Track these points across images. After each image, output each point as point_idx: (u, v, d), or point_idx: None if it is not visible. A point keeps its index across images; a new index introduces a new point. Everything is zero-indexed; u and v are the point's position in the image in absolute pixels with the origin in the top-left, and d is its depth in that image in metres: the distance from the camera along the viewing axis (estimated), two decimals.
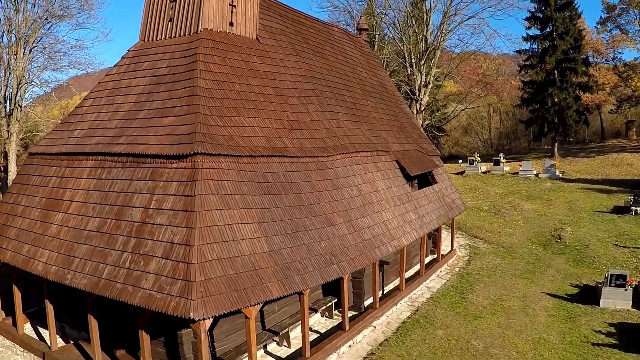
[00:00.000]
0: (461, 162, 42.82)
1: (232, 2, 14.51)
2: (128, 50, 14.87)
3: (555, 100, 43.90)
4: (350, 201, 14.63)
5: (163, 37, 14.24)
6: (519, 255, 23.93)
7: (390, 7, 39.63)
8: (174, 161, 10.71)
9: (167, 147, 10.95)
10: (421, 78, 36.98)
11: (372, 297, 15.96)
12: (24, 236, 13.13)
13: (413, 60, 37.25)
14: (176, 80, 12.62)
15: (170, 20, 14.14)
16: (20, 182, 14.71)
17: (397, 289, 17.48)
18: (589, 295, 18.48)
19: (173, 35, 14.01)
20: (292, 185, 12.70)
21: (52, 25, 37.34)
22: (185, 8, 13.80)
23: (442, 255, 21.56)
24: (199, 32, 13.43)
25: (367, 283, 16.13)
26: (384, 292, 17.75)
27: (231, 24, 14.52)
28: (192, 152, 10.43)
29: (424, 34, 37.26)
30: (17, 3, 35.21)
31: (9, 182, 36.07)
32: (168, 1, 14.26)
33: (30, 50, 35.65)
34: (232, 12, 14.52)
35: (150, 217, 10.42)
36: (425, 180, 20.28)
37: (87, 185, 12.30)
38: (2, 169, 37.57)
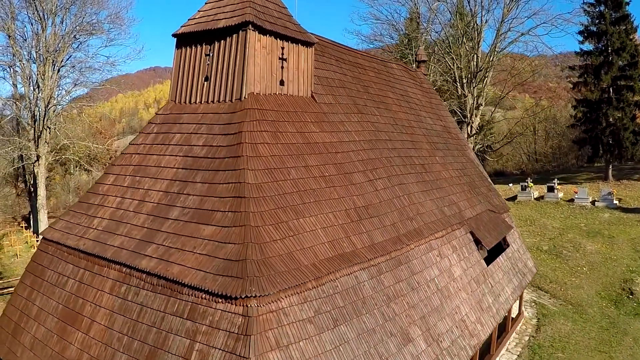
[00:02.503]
0: (512, 185, 39.05)
1: (282, 54, 11.51)
2: (156, 114, 12.02)
3: (610, 120, 39.82)
4: (427, 302, 11.60)
5: (198, 100, 11.32)
6: (590, 318, 20.66)
7: (437, 19, 36.09)
8: (220, 300, 7.80)
9: (209, 277, 8.04)
10: (473, 99, 33.41)
11: None
12: (40, 349, 10.47)
13: (464, 81, 33.65)
14: (216, 168, 9.70)
15: (207, 79, 11.22)
16: (34, 273, 12.01)
17: None
18: None
19: (210, 99, 11.07)
20: (364, 302, 9.71)
21: (81, 43, 34.98)
22: (225, 65, 10.85)
23: (510, 319, 18.50)
24: (242, 98, 10.47)
25: None
26: None
27: (282, 82, 11.51)
28: (243, 295, 7.51)
29: (475, 51, 33.61)
30: (45, 18, 32.87)
31: (39, 206, 34.00)
32: (203, 54, 11.35)
33: (59, 70, 33.34)
34: (282, 67, 11.52)
35: None
36: (498, 246, 17.10)
37: (111, 304, 9.49)
38: (32, 191, 35.49)
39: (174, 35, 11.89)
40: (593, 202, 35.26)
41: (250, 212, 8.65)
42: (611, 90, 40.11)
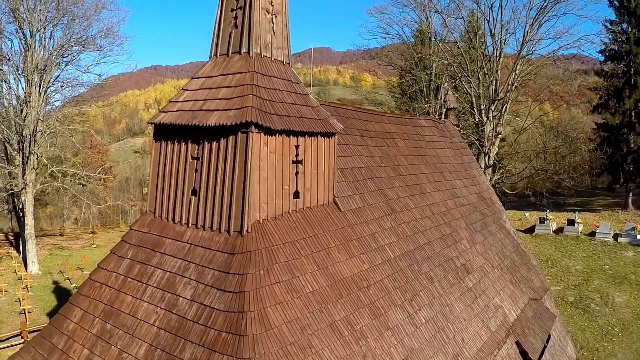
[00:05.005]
0: (527, 215, 35.73)
1: (297, 155, 8.29)
2: (130, 229, 8.82)
3: (632, 146, 36.52)
4: None
5: (184, 220, 8.15)
6: None
7: (451, 36, 32.58)
8: None
9: None
10: (491, 126, 30.01)
11: None
12: None
13: (482, 107, 30.23)
14: (211, 346, 6.56)
15: (195, 192, 7.99)
16: None
17: None
18: None
19: (200, 223, 7.88)
20: None
21: (70, 61, 31.45)
22: (220, 176, 7.64)
23: None
24: (244, 232, 7.28)
25: None
26: None
27: (296, 194, 8.30)
28: None
29: (495, 75, 30.18)
30: (28, 36, 29.27)
31: (27, 236, 30.74)
32: (189, 155, 8.10)
33: (46, 91, 29.88)
34: (297, 173, 8.31)
35: None
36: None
37: None
38: (21, 216, 32.20)
39: (150, 123, 8.65)
40: (615, 237, 32.11)
41: None
42: (633, 114, 36.78)
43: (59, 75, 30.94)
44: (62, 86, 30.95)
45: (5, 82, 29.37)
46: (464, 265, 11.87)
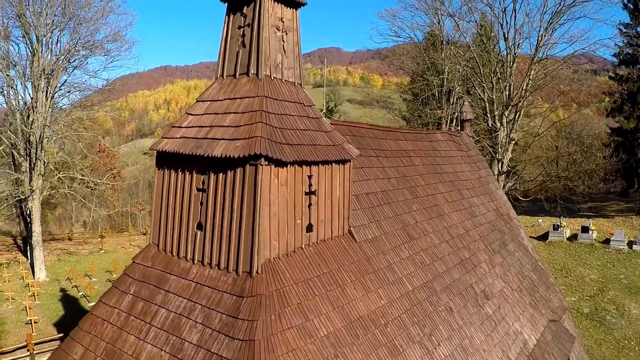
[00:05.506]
0: (541, 221, 34.84)
1: (310, 185, 7.68)
2: (133, 262, 8.26)
3: None
4: None
5: (189, 255, 7.58)
6: None
7: (463, 39, 31.75)
8: None
9: None
10: (505, 132, 29.13)
11: None
12: None
13: (496, 113, 29.35)
14: None
15: (200, 227, 7.41)
16: None
17: None
18: None
19: (207, 260, 7.31)
20: None
21: (79, 64, 31.03)
22: (227, 211, 7.07)
23: None
24: (254, 272, 6.69)
25: None
26: None
27: (309, 227, 7.70)
28: None
29: (508, 80, 29.30)
30: (34, 42, 28.85)
31: (34, 243, 30.36)
32: (194, 186, 7.51)
33: (53, 96, 29.45)
34: (310, 205, 7.71)
35: None
36: None
37: None
38: (28, 222, 31.84)
39: (152, 149, 8.08)
40: (630, 245, 31.22)
41: None
42: None
43: (66, 80, 30.54)
44: (69, 91, 30.55)
45: (12, 87, 28.98)
46: (483, 291, 11.21)
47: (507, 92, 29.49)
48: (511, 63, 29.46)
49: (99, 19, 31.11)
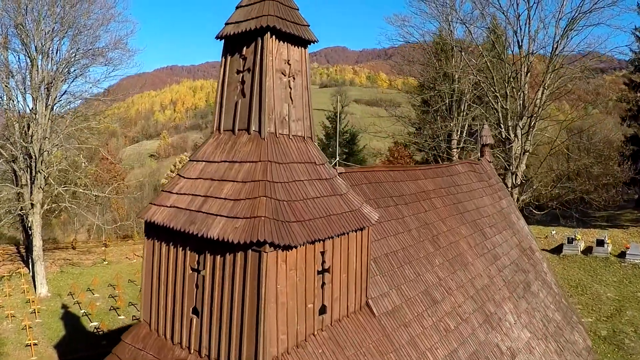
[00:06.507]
0: (554, 232, 33.47)
1: (324, 262, 6.47)
2: (122, 341, 7.08)
3: None
4: None
5: (184, 342, 6.41)
6: None
7: (475, 46, 30.32)
8: None
9: None
10: (519, 144, 27.72)
11: None
12: None
13: (510, 124, 27.94)
14: None
15: (196, 312, 6.23)
16: None
17: None
18: None
19: (204, 351, 6.14)
20: None
21: (80, 74, 29.89)
22: (227, 294, 5.83)
23: None
24: None
25: None
26: None
27: (322, 309, 6.50)
28: None
29: (522, 89, 27.86)
30: (33, 52, 27.68)
31: (35, 257, 29.33)
32: (188, 265, 6.30)
33: (52, 108, 28.34)
34: (323, 284, 6.51)
35: None
36: None
37: None
38: (30, 234, 30.81)
39: (139, 217, 6.89)
40: None
41: None
42: None
43: (66, 91, 29.41)
44: (69, 102, 29.47)
45: (11, 99, 27.90)
46: (509, 348, 9.99)
47: (520, 102, 28.07)
48: (525, 74, 28.02)
49: (99, 26, 29.97)
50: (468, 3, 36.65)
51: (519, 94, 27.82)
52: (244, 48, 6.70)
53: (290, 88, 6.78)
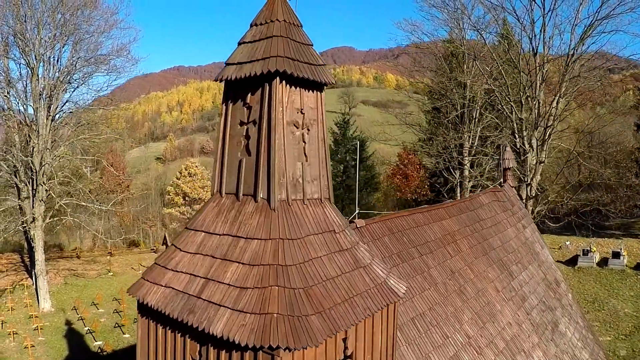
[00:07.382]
0: (568, 243, 32.31)
1: (345, 350, 5.46)
2: None
3: None
4: None
5: None
6: None
7: (488, 52, 29.16)
8: None
9: None
10: (534, 155, 26.60)
11: None
12: None
13: (525, 133, 26.80)
14: None
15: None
16: None
17: None
18: None
19: None
20: None
21: (81, 83, 28.98)
22: None
23: None
24: None
25: None
26: None
27: None
28: None
29: (537, 98, 26.69)
30: (33, 61, 26.77)
31: (37, 272, 28.52)
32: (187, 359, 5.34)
33: (53, 118, 27.47)
34: None
35: None
36: None
37: None
38: (33, 247, 30.01)
39: (130, 294, 5.91)
40: None
41: None
42: None
43: (67, 100, 28.54)
44: (71, 111, 28.56)
45: (11, 109, 27.02)
46: None
47: (536, 111, 26.92)
48: (541, 83, 26.84)
49: (101, 33, 29.05)
50: (479, 7, 35.41)
51: (534, 102, 26.67)
52: (249, 95, 5.66)
53: (305, 142, 5.75)
